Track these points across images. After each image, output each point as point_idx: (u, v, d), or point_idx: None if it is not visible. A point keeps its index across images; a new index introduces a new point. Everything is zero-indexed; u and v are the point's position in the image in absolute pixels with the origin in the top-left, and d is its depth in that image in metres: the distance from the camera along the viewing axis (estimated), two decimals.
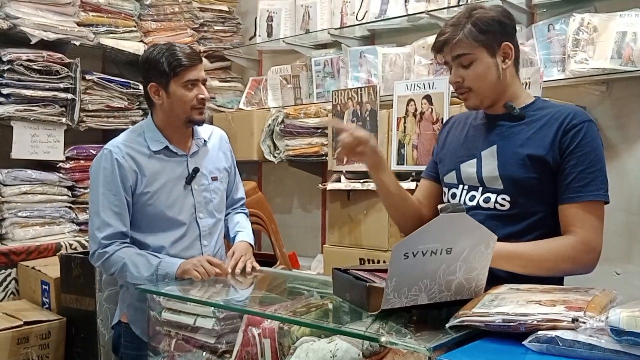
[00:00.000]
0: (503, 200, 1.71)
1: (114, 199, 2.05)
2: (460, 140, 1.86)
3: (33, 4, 3.07)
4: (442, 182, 1.88)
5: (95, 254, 2.05)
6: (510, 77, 1.72)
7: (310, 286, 2.15)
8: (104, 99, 3.38)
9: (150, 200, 2.09)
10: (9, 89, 2.99)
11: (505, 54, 1.69)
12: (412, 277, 1.45)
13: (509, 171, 1.69)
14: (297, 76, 3.63)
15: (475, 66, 1.68)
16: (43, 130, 3.15)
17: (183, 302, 1.91)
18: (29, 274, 2.87)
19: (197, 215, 2.17)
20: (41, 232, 3.11)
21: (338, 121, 2.43)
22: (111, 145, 2.11)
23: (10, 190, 3.03)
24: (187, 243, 2.15)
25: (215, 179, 2.24)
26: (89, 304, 2.53)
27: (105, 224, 2.04)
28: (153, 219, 2.11)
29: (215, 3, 3.98)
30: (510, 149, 1.71)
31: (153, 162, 2.10)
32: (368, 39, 3.43)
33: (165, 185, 2.11)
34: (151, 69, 2.08)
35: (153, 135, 2.13)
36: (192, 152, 2.19)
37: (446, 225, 1.45)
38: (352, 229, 2.96)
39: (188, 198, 2.16)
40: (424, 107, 2.71)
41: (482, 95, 1.72)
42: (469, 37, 1.65)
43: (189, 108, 2.09)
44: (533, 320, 1.29)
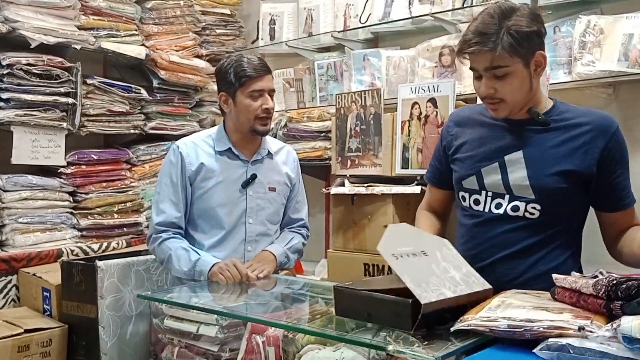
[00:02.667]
0: (533, 209, 1.68)
1: (173, 189, 2.24)
2: (476, 141, 1.79)
3: (33, 8, 3.04)
4: (457, 184, 1.83)
5: (151, 238, 2.25)
6: (537, 84, 1.70)
7: (315, 292, 2.12)
8: (105, 103, 3.35)
9: (205, 195, 2.24)
10: (8, 93, 2.96)
11: (538, 62, 1.65)
12: (419, 274, 1.44)
13: (542, 181, 1.66)
14: (300, 80, 3.60)
15: (511, 79, 1.63)
16: (44, 135, 3.12)
17: (186, 309, 1.89)
18: (30, 280, 2.83)
19: (247, 220, 2.27)
20: (42, 238, 3.07)
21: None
22: (181, 141, 2.33)
23: (10, 196, 3.00)
24: (233, 245, 2.26)
25: (272, 189, 2.35)
26: (90, 311, 2.50)
27: (161, 211, 2.23)
28: (203, 215, 2.25)
29: (217, 6, 3.95)
30: (539, 158, 1.68)
31: (215, 161, 2.27)
32: (371, 42, 3.40)
33: (221, 183, 2.25)
34: (221, 79, 2.27)
35: (220, 138, 2.32)
36: (254, 159, 2.32)
37: (395, 234, 1.54)
38: (356, 234, 2.93)
39: (241, 202, 2.28)
40: (429, 110, 2.68)
41: (513, 105, 1.68)
42: (507, 50, 1.58)
43: (253, 118, 2.23)
44: (539, 327, 1.27)
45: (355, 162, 2.98)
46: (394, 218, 2.78)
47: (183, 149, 2.27)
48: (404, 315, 1.38)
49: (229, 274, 2.09)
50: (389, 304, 1.43)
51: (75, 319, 2.60)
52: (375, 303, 1.46)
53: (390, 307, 1.42)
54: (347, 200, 2.98)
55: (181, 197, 2.24)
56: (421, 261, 1.50)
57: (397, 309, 1.40)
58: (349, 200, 2.96)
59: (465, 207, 1.82)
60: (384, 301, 1.44)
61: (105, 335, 2.47)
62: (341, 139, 3.04)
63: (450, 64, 2.88)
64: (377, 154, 2.88)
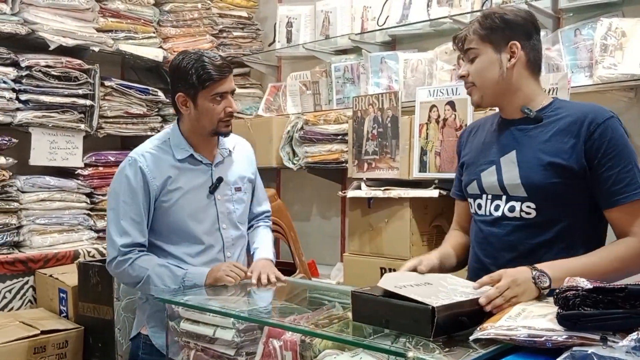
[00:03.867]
0: (528, 208, 1.65)
1: (134, 208, 2.03)
2: (478, 148, 1.82)
3: (52, 10, 3.06)
4: (465, 192, 1.83)
5: (115, 261, 2.03)
6: (520, 78, 1.69)
7: (331, 296, 2.10)
8: (122, 105, 3.36)
9: (171, 209, 2.07)
10: (27, 95, 2.98)
11: (512, 52, 1.67)
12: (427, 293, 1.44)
13: (531, 178, 1.64)
14: (317, 82, 3.58)
15: (478, 61, 1.70)
16: (61, 136, 3.14)
17: (202, 312, 1.87)
18: (47, 281, 2.84)
19: (221, 226, 2.14)
20: (59, 240, 3.09)
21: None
22: (136, 153, 2.09)
23: (28, 197, 3.01)
24: (211, 255, 2.12)
25: (238, 189, 2.21)
26: (106, 313, 2.50)
27: (125, 232, 2.02)
28: (175, 228, 2.08)
29: (234, 9, 3.96)
30: (530, 154, 1.66)
31: (177, 170, 2.09)
32: (389, 45, 3.38)
33: (187, 193, 2.09)
34: (180, 79, 2.05)
35: (178, 143, 2.11)
36: (217, 161, 2.17)
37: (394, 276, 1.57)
38: (372, 238, 2.91)
39: (211, 208, 2.13)
40: (447, 114, 2.65)
41: (482, 91, 1.71)
42: (474, 32, 1.69)
43: (216, 121, 2.07)
44: (560, 337, 1.24)
45: (372, 165, 2.96)
46: (411, 222, 2.75)
47: (142, 163, 2.05)
48: (423, 321, 1.35)
49: (234, 274, 2.01)
50: (407, 310, 1.40)
51: (91, 320, 2.60)
52: (393, 309, 1.42)
53: (409, 314, 1.39)
54: (363, 203, 2.95)
55: (144, 217, 2.04)
56: (427, 287, 1.52)
57: (416, 315, 1.37)
58: (366, 203, 2.94)
59: (472, 213, 1.81)
60: (402, 307, 1.41)
61: (121, 337, 2.47)
62: (358, 142, 3.02)
63: None
64: (394, 157, 2.86)
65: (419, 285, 1.53)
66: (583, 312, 1.25)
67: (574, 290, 1.27)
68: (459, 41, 1.75)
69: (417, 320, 1.36)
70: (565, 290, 1.30)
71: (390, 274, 1.68)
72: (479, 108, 1.80)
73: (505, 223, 1.68)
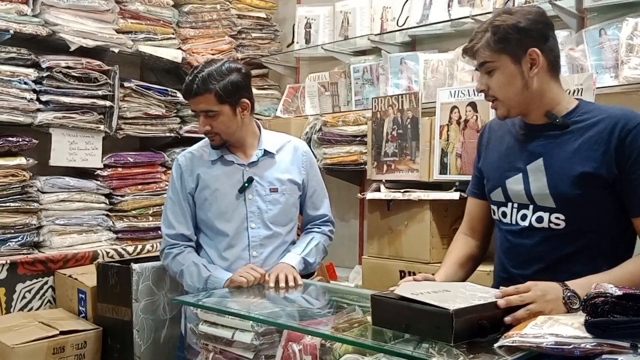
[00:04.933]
0: (557, 219, 1.60)
1: (176, 203, 2.25)
2: (501, 152, 1.75)
3: (72, 11, 3.07)
4: (488, 198, 1.79)
5: (164, 252, 2.26)
6: (543, 83, 1.62)
7: (350, 300, 2.08)
8: (142, 106, 3.36)
9: (203, 205, 2.23)
10: (48, 95, 2.99)
11: (533, 60, 1.59)
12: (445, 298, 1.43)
13: (560, 188, 1.58)
14: (336, 83, 3.56)
15: (497, 75, 1.62)
16: (81, 137, 3.15)
17: (221, 314, 1.86)
18: (66, 282, 2.85)
19: (249, 225, 2.20)
20: (78, 240, 3.09)
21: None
22: (182, 153, 2.34)
23: (48, 198, 3.02)
24: (237, 251, 2.20)
25: (274, 190, 2.26)
26: (125, 314, 2.50)
27: (170, 224, 2.25)
28: (206, 224, 2.24)
29: (253, 10, 3.95)
30: (558, 163, 1.60)
31: (210, 170, 2.24)
32: (409, 45, 3.35)
33: (217, 192, 2.21)
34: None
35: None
36: (251, 161, 2.24)
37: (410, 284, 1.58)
38: (392, 240, 2.88)
39: (240, 207, 2.21)
40: (469, 115, 2.62)
41: (508, 104, 1.64)
42: (487, 46, 1.60)
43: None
44: (588, 344, 1.21)
45: (392, 167, 2.93)
46: (431, 224, 2.72)
47: (182, 162, 2.28)
48: (444, 326, 1.33)
49: (248, 274, 2.07)
50: (426, 314, 1.38)
51: (110, 321, 2.60)
52: (413, 313, 1.41)
53: (429, 318, 1.37)
54: (382, 205, 2.93)
55: (186, 211, 2.26)
56: (445, 293, 1.51)
57: (436, 320, 1.35)
58: (385, 205, 2.91)
59: (496, 220, 1.77)
60: (421, 311, 1.39)
61: (139, 339, 2.46)
62: (377, 144, 2.99)
63: None
64: (414, 159, 2.83)
65: (437, 292, 1.52)
66: (612, 319, 1.22)
67: (603, 297, 1.24)
68: (470, 54, 1.67)
69: (437, 325, 1.35)
70: (593, 296, 1.27)
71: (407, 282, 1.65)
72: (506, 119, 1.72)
73: (533, 233, 1.63)
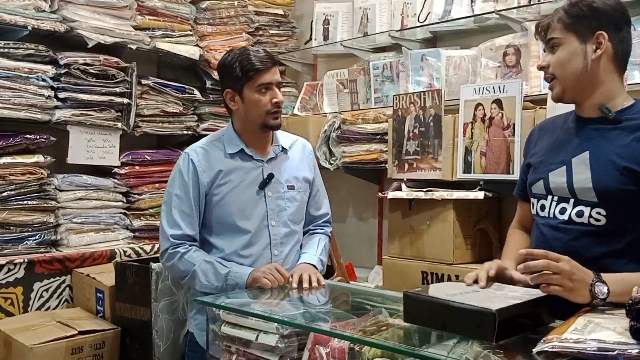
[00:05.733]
0: (598, 214, 1.55)
1: (185, 201, 2.09)
2: (549, 146, 1.72)
3: (90, 7, 3.04)
4: (529, 190, 1.74)
5: (167, 252, 2.09)
6: (604, 72, 1.58)
7: (375, 301, 2.03)
8: (159, 103, 3.33)
9: (221, 202, 2.10)
10: (66, 93, 2.97)
11: (599, 43, 1.56)
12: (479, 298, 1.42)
13: (604, 182, 1.53)
14: (355, 80, 3.51)
15: (560, 51, 1.60)
16: (99, 135, 3.12)
17: (244, 316, 1.82)
18: (84, 281, 2.82)
19: (270, 223, 2.13)
20: (96, 239, 3.07)
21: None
22: (190, 148, 2.17)
23: (65, 196, 3.00)
24: (258, 250, 2.12)
25: (291, 187, 2.20)
26: (144, 314, 2.47)
27: (175, 223, 2.08)
28: (223, 222, 2.12)
29: (270, 7, 3.91)
30: (604, 157, 1.55)
31: (228, 164, 2.13)
32: (429, 42, 3.29)
33: (237, 188, 2.11)
34: (226, 75, 2.11)
35: (231, 139, 2.16)
36: (269, 157, 2.18)
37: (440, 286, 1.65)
38: (413, 240, 2.82)
39: (260, 204, 2.13)
40: (494, 112, 2.56)
41: (564, 84, 1.61)
42: (559, 21, 1.59)
43: (264, 113, 2.09)
44: (634, 350, 1.16)
45: (413, 166, 2.88)
46: (454, 224, 2.67)
47: (194, 157, 2.11)
48: (486, 325, 1.30)
49: (273, 277, 2.00)
50: (468, 313, 1.35)
51: (128, 321, 2.57)
52: (452, 312, 1.39)
53: (470, 317, 1.35)
54: (404, 205, 2.88)
55: (194, 210, 2.10)
56: (477, 294, 1.50)
57: (477, 318, 1.33)
58: (406, 205, 2.86)
59: (533, 214, 1.72)
60: (462, 310, 1.37)
61: (158, 339, 2.43)
62: (398, 142, 2.94)
63: (515, 63, 2.75)
64: (436, 157, 2.77)
65: (469, 293, 1.50)
66: None
67: None
68: (542, 30, 1.65)
69: (479, 324, 1.32)
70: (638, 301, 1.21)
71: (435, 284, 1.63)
72: (559, 102, 1.68)
73: (571, 228, 1.58)
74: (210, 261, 2.06)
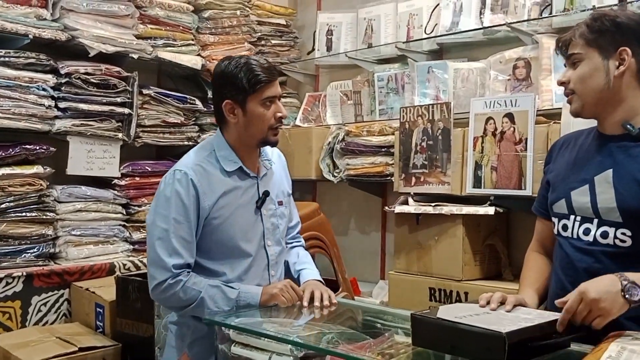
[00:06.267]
0: (623, 235, 1.50)
1: (185, 227, 1.89)
2: (569, 163, 1.67)
3: (92, 16, 2.98)
4: (550, 210, 1.69)
5: (165, 283, 1.87)
6: (626, 88, 1.54)
7: (389, 321, 1.98)
8: (160, 114, 3.27)
9: (222, 225, 1.93)
10: (66, 102, 2.90)
11: (622, 59, 1.52)
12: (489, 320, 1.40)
13: (629, 202, 1.49)
14: (359, 92, 3.47)
15: (581, 67, 1.56)
16: (99, 145, 3.05)
17: (256, 336, 1.76)
18: (83, 295, 2.75)
19: (266, 243, 2.02)
20: (95, 252, 2.99)
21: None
22: (185, 166, 1.94)
23: (64, 208, 2.92)
24: (256, 273, 2.00)
25: (281, 203, 2.09)
26: (146, 331, 2.40)
27: (176, 251, 1.87)
28: (223, 246, 1.95)
29: (273, 17, 3.87)
30: (628, 176, 1.51)
31: (227, 184, 1.95)
32: (436, 53, 3.26)
33: (238, 209, 1.96)
34: (227, 84, 1.92)
35: (226, 155, 1.98)
36: (262, 174, 2.05)
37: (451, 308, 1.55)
38: (421, 256, 2.77)
39: (258, 224, 2.00)
40: (505, 126, 2.52)
41: (584, 99, 1.57)
42: (580, 36, 1.55)
43: (267, 128, 1.95)
44: None
45: (421, 180, 2.83)
46: (463, 240, 2.62)
47: (194, 177, 1.90)
48: (496, 348, 1.27)
49: (289, 296, 1.93)
50: (477, 336, 1.32)
51: (129, 337, 2.50)
52: (461, 334, 1.34)
53: (479, 340, 1.31)
54: (411, 219, 2.83)
55: (193, 236, 1.91)
56: (487, 316, 1.46)
57: (486, 341, 1.30)
58: (414, 219, 2.81)
59: (556, 234, 1.67)
60: (471, 333, 1.33)
61: (161, 357, 2.35)
62: (405, 155, 2.90)
63: (525, 77, 2.71)
64: (445, 171, 2.73)
65: (479, 315, 1.46)
66: None
67: None
68: (563, 45, 1.61)
69: (489, 347, 1.28)
70: None
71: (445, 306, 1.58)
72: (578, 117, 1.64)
73: (595, 249, 1.53)
74: (216, 285, 1.91)
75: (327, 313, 1.96)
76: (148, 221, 1.95)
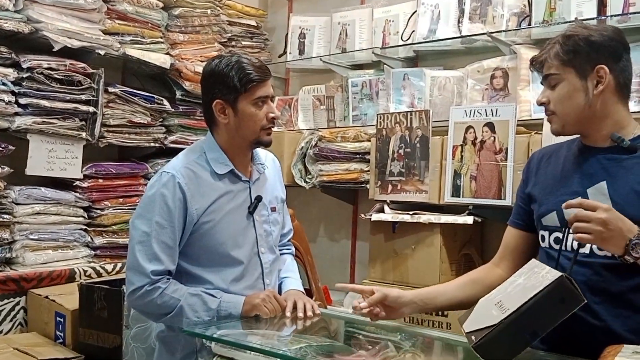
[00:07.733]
0: None
1: (169, 231, 1.81)
2: (556, 176, 1.65)
3: (57, 8, 2.82)
4: (537, 223, 1.66)
5: (142, 289, 1.78)
6: (607, 105, 1.53)
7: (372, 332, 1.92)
8: (126, 113, 3.13)
9: (211, 231, 1.86)
10: (27, 98, 2.74)
11: (599, 77, 1.51)
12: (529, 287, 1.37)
13: (628, 212, 1.46)
14: (332, 97, 3.42)
15: (560, 88, 1.55)
16: (61, 145, 2.89)
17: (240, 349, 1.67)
18: (41, 303, 2.59)
19: (259, 250, 1.94)
20: (54, 257, 2.82)
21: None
22: (172, 169, 1.86)
23: (22, 210, 2.75)
24: (250, 282, 1.92)
25: (274, 209, 2.02)
26: (113, 342, 2.27)
27: (156, 257, 1.79)
28: (213, 252, 1.87)
29: (243, 17, 3.77)
30: (625, 187, 1.49)
31: (218, 188, 1.88)
32: (411, 61, 3.23)
33: (229, 214, 1.88)
34: (217, 83, 1.85)
35: (217, 157, 1.90)
36: (255, 178, 1.97)
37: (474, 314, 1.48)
38: (397, 265, 2.73)
39: (250, 230, 1.92)
40: (485, 136, 2.51)
41: (564, 120, 1.56)
42: (555, 56, 1.54)
43: (259, 128, 1.88)
44: None
45: (397, 187, 2.79)
46: (441, 249, 2.59)
47: (181, 181, 1.82)
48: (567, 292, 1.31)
49: (272, 306, 1.85)
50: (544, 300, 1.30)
51: (93, 349, 2.36)
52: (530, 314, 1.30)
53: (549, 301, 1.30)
54: (387, 227, 2.79)
55: (176, 242, 1.83)
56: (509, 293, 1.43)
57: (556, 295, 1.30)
58: (390, 227, 2.77)
59: (545, 248, 1.65)
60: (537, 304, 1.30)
61: None
62: (382, 162, 2.86)
63: (502, 87, 2.71)
64: (422, 179, 2.70)
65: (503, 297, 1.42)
66: None
67: None
68: (538, 65, 1.60)
69: (561, 298, 1.29)
70: None
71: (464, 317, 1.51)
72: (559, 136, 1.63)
73: (592, 262, 1.51)
74: (197, 293, 1.82)
75: (309, 324, 1.89)
76: (130, 224, 1.87)
